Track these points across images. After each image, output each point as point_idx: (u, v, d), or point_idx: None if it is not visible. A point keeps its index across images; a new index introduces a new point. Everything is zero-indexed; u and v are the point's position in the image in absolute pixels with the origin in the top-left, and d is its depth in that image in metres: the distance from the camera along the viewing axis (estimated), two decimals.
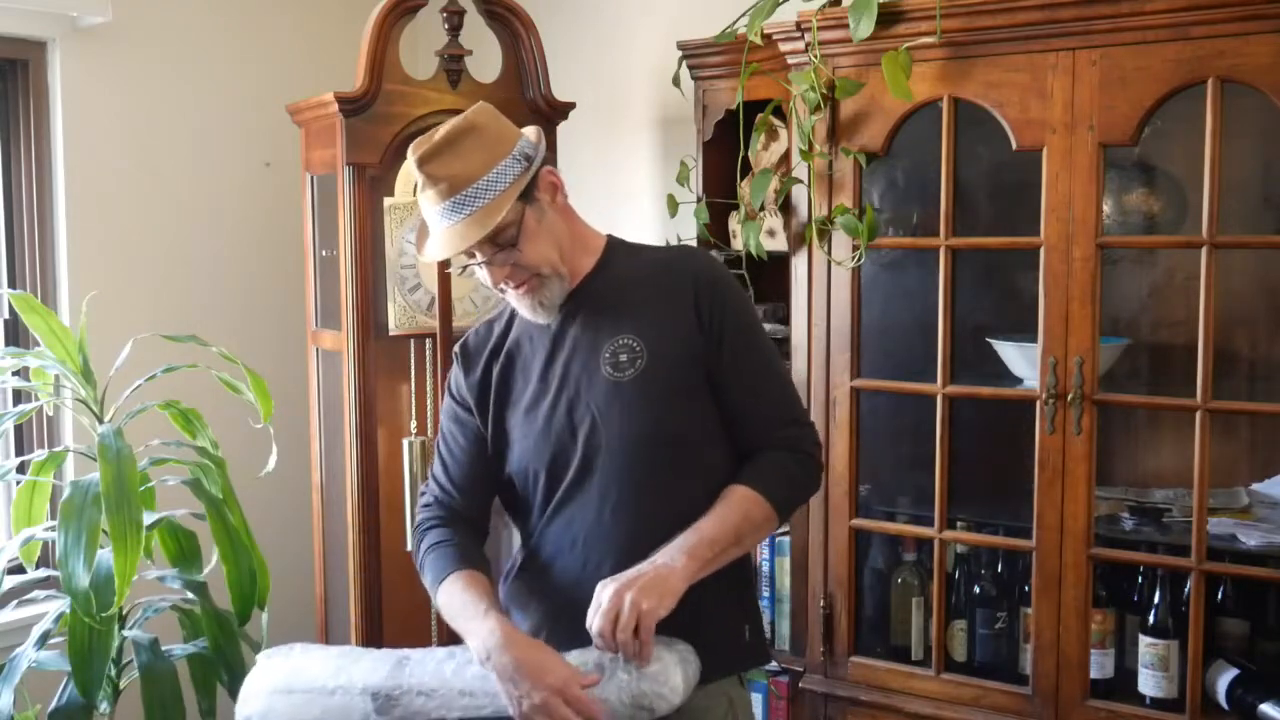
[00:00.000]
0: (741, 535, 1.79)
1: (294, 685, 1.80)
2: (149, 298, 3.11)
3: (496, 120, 1.82)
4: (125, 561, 2.29)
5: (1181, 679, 2.23)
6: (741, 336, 1.85)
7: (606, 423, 1.79)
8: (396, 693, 1.74)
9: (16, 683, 2.40)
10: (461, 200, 1.74)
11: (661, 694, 1.67)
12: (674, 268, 1.88)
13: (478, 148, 1.76)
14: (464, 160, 1.75)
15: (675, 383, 1.81)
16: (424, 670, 1.76)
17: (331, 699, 1.76)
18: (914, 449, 2.53)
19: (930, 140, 2.37)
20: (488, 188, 1.74)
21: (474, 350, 1.96)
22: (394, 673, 1.76)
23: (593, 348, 1.82)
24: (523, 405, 1.87)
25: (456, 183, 1.74)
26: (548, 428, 1.84)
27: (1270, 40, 2.03)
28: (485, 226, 1.73)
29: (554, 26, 3.19)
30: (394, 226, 2.87)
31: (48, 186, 2.99)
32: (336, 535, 2.95)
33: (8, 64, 2.93)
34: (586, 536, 1.82)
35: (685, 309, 1.82)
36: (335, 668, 1.80)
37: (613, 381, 1.79)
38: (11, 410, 2.70)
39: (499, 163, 1.76)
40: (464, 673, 1.75)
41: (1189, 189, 2.34)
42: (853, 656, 2.53)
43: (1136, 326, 2.55)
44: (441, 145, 1.75)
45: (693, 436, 1.83)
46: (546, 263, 1.80)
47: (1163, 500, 2.46)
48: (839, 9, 2.40)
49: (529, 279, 1.80)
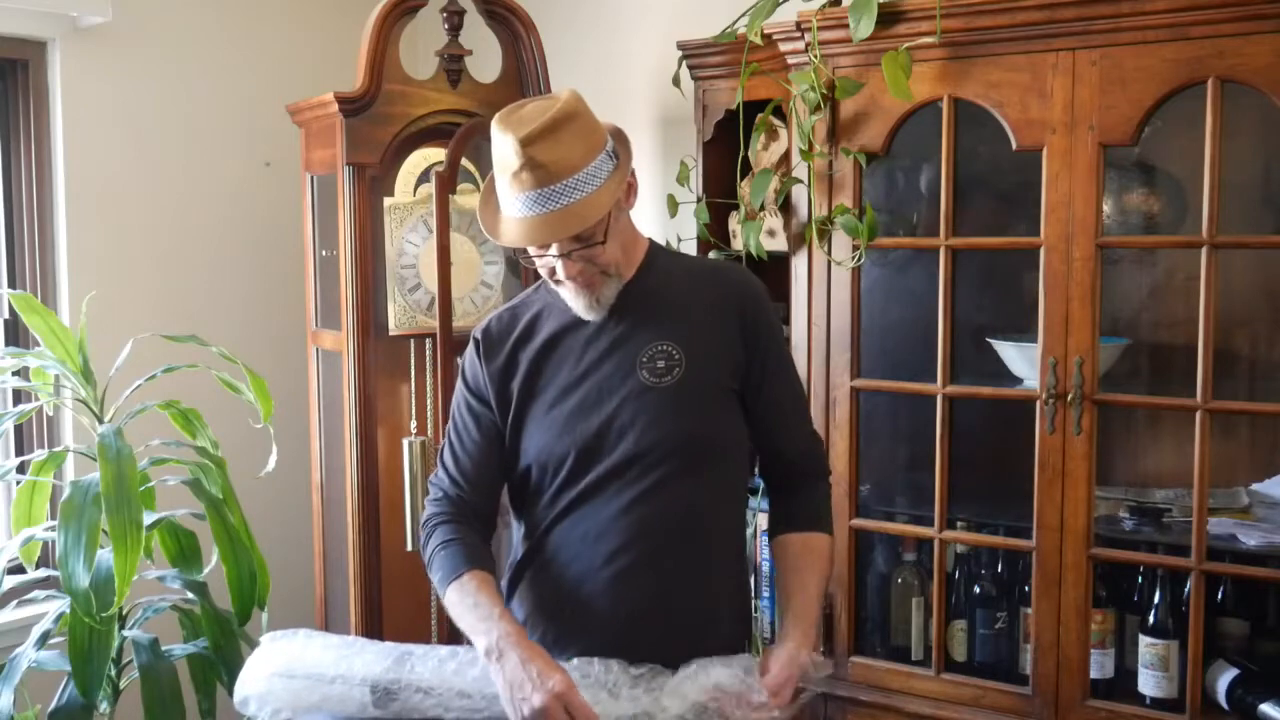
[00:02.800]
0: (826, 581, 1.94)
1: (295, 670, 1.80)
2: (149, 298, 3.11)
3: (589, 110, 1.75)
4: (125, 561, 2.29)
5: (1181, 679, 2.23)
6: (778, 358, 1.89)
7: (637, 426, 1.78)
8: (395, 687, 1.74)
9: (16, 683, 2.40)
10: (559, 190, 1.67)
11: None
12: (721, 280, 1.88)
13: (578, 137, 1.68)
14: (566, 147, 1.66)
15: (710, 393, 1.81)
16: (425, 668, 1.76)
17: (331, 687, 1.76)
18: (914, 449, 2.53)
19: (930, 140, 2.37)
20: (587, 181, 1.68)
21: (498, 337, 1.89)
22: (395, 667, 1.76)
23: (631, 350, 1.80)
24: (549, 397, 1.84)
25: (556, 171, 1.66)
26: (573, 423, 1.81)
27: (1270, 40, 2.03)
28: (585, 222, 1.68)
29: (554, 26, 3.19)
30: (394, 226, 2.87)
31: (48, 186, 2.99)
32: (336, 535, 2.95)
33: (8, 64, 2.93)
34: (600, 534, 1.80)
35: (730, 323, 1.82)
36: (337, 656, 1.80)
37: (648, 386, 1.78)
38: (11, 410, 2.70)
39: (596, 157, 1.70)
40: (465, 674, 1.75)
41: (1189, 189, 2.34)
42: (853, 656, 2.53)
43: (1136, 326, 2.55)
44: (547, 129, 1.66)
45: (719, 446, 1.83)
46: (615, 263, 1.78)
47: (1163, 500, 2.46)
48: (839, 9, 2.40)
49: (595, 275, 1.77)
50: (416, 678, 1.75)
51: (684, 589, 1.80)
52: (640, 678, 1.71)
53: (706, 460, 1.81)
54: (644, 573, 1.78)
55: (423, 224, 2.89)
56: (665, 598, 1.78)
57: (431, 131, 2.89)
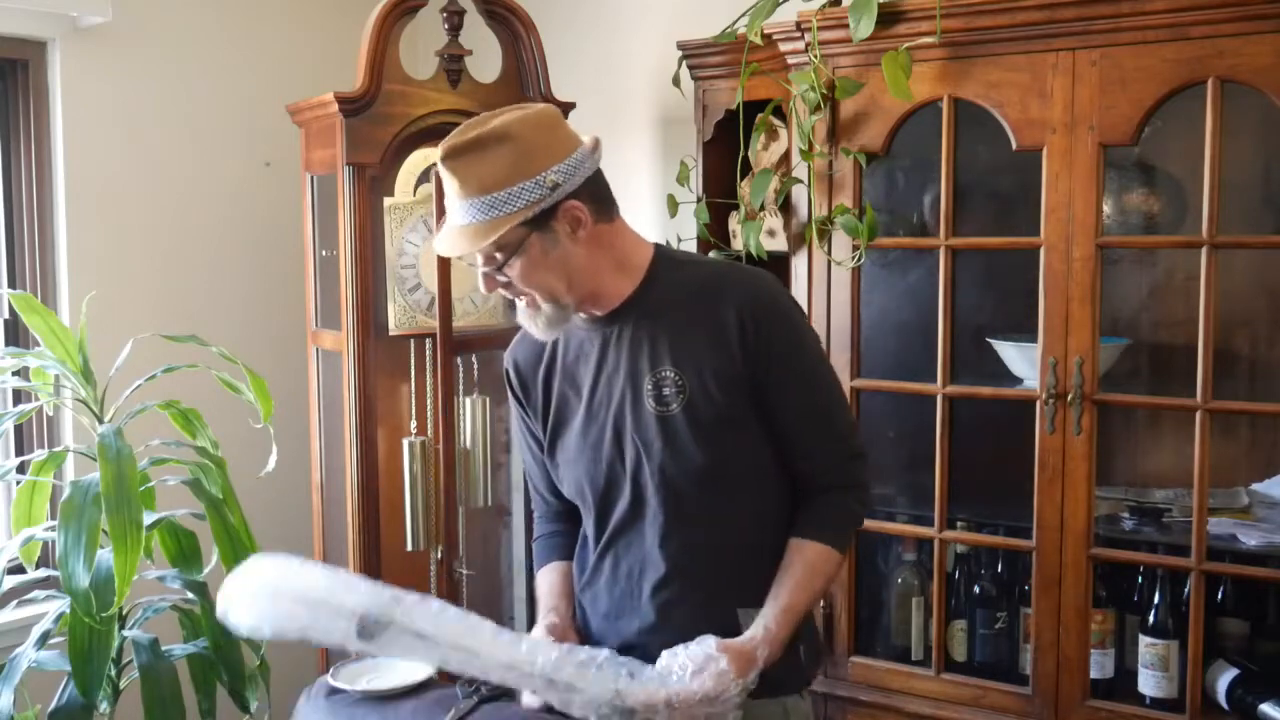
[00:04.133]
0: (817, 595, 1.82)
1: (282, 590, 1.73)
2: (149, 298, 3.11)
3: (540, 134, 1.69)
4: (125, 561, 2.29)
5: (1181, 679, 2.23)
6: (790, 368, 1.76)
7: (652, 457, 1.75)
8: (385, 621, 1.67)
9: (16, 683, 2.39)
10: (466, 207, 1.68)
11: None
12: (720, 294, 1.77)
13: (504, 159, 1.66)
14: (486, 166, 1.66)
15: (720, 414, 1.74)
16: (421, 613, 1.70)
17: (316, 612, 1.69)
18: (914, 449, 2.53)
19: (930, 140, 2.37)
20: (496, 204, 1.67)
21: (527, 371, 1.91)
22: (388, 606, 1.70)
23: (635, 376, 1.78)
24: (576, 426, 1.84)
25: (469, 188, 1.67)
26: (597, 455, 1.81)
27: (1270, 40, 2.03)
28: (477, 243, 1.68)
29: (554, 26, 3.19)
30: (394, 226, 2.87)
31: (48, 186, 2.99)
32: (336, 535, 2.95)
33: (8, 64, 2.93)
34: (637, 569, 1.81)
35: (729, 341, 1.74)
36: (329, 585, 1.73)
37: (657, 415, 1.75)
38: (11, 410, 2.70)
39: (518, 183, 1.66)
40: (457, 625, 1.70)
41: (1189, 189, 2.34)
42: (853, 656, 2.53)
43: (1136, 326, 2.55)
44: (471, 145, 1.67)
45: (740, 467, 1.77)
46: (543, 291, 1.73)
47: (1163, 500, 2.46)
48: (839, 9, 2.40)
49: (531, 299, 1.76)
50: (410, 621, 1.68)
51: (717, 620, 1.75)
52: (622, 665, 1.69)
53: (732, 481, 1.77)
54: (678, 605, 1.78)
55: (423, 224, 2.89)
56: (698, 628, 1.74)
57: (431, 131, 2.89)
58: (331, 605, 1.69)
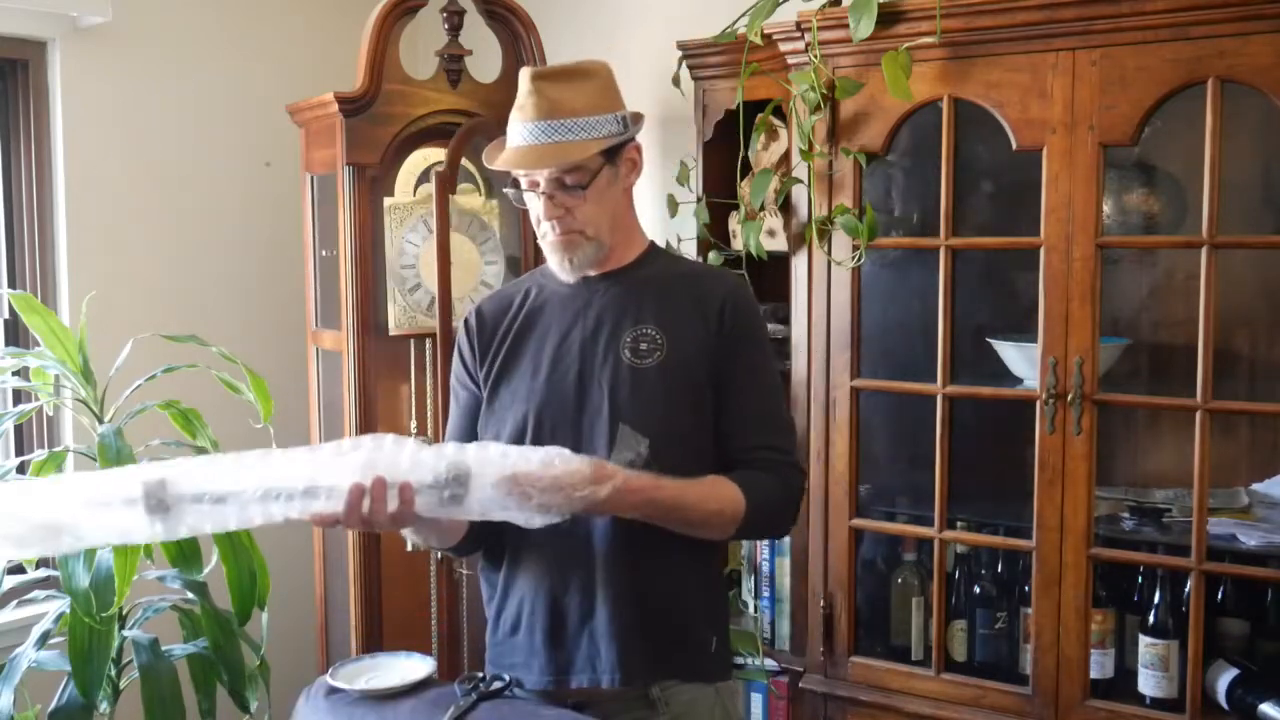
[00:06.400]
0: (696, 511, 1.76)
1: (56, 503, 1.63)
2: (149, 298, 3.11)
3: (614, 81, 1.87)
4: (125, 561, 2.29)
5: (1181, 679, 2.23)
6: (752, 359, 1.87)
7: (616, 405, 1.80)
8: (168, 486, 1.57)
9: (16, 683, 2.39)
10: (555, 126, 1.77)
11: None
12: (710, 279, 1.92)
13: (592, 90, 1.80)
14: (575, 92, 1.78)
15: (688, 380, 1.82)
16: (196, 467, 1.62)
17: (95, 512, 1.59)
18: (914, 449, 2.53)
19: (930, 140, 2.37)
20: (585, 127, 1.78)
21: (491, 319, 1.95)
22: (162, 472, 1.60)
23: (614, 331, 1.84)
24: (529, 370, 1.88)
25: (558, 108, 1.77)
26: (551, 395, 1.83)
27: (1270, 40, 2.03)
28: (569, 158, 1.77)
29: (554, 26, 3.19)
30: (394, 226, 2.87)
31: (48, 186, 2.99)
32: (336, 535, 2.95)
33: (8, 64, 2.93)
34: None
35: (710, 317, 1.84)
36: (95, 482, 1.63)
37: (629, 366, 1.81)
38: (11, 410, 2.70)
39: (603, 113, 1.80)
40: (238, 465, 1.62)
41: (1189, 189, 2.34)
42: (853, 656, 2.53)
43: (1136, 326, 2.55)
44: (561, 72, 1.81)
45: (690, 428, 1.83)
46: (595, 225, 1.83)
47: (1163, 500, 2.46)
48: (839, 9, 2.40)
49: (574, 232, 1.83)
50: (192, 482, 1.59)
51: (656, 573, 1.80)
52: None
53: (681, 445, 1.81)
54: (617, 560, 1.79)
55: (423, 224, 2.89)
56: (634, 578, 1.79)
57: (431, 131, 2.89)
58: (105, 498, 1.60)
